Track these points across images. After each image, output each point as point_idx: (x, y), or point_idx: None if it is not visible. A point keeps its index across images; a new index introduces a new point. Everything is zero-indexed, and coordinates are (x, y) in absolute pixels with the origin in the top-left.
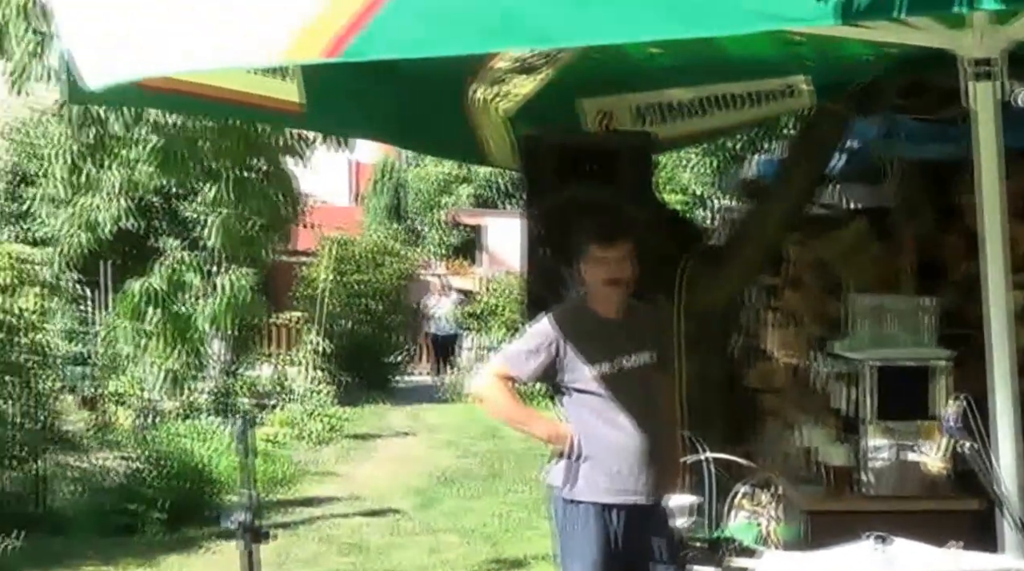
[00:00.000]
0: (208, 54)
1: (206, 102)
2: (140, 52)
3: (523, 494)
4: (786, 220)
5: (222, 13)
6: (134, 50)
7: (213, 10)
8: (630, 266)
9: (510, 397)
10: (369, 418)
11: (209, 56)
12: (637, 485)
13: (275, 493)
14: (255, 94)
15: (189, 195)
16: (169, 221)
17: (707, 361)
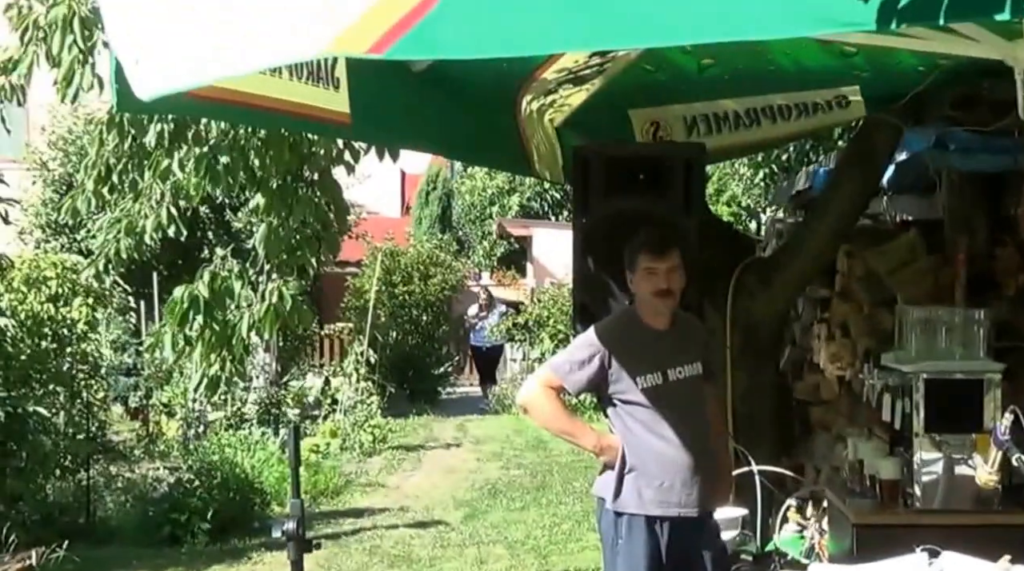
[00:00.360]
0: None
1: (254, 111)
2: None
3: (570, 506)
4: (837, 232)
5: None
6: (183, 58)
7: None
8: (680, 277)
9: (557, 407)
10: (416, 429)
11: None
12: (685, 497)
13: (322, 504)
14: (304, 103)
15: (239, 206)
16: (218, 231)
17: (756, 373)
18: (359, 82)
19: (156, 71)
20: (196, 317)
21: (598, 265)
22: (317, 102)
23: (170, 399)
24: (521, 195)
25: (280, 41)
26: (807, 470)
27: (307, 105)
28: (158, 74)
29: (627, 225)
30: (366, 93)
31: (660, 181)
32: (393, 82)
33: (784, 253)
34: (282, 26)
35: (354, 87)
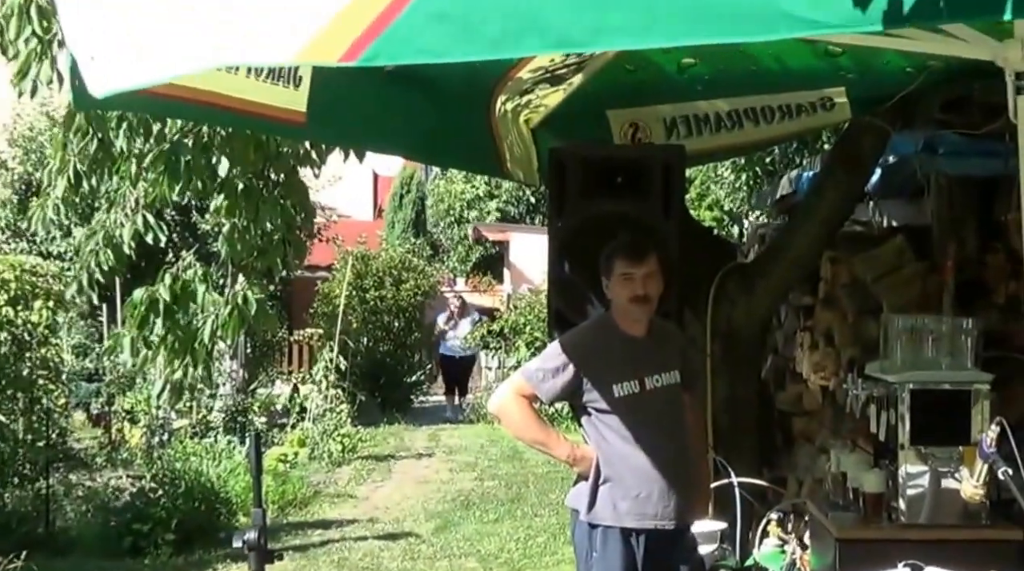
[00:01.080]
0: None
1: (210, 109)
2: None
3: (546, 518)
4: (821, 238)
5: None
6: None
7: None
8: (657, 283)
9: (530, 416)
10: (387, 438)
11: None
12: (662, 509)
13: (289, 514)
14: (259, 102)
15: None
16: (184, 234)
17: (737, 382)
18: (322, 80)
19: (112, 68)
20: (156, 321)
21: (574, 270)
22: (274, 101)
23: (133, 406)
24: (499, 199)
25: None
26: (789, 482)
27: (262, 103)
28: (114, 71)
29: (604, 229)
30: (328, 91)
31: (638, 184)
32: (358, 80)
33: (766, 259)
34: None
35: (316, 85)
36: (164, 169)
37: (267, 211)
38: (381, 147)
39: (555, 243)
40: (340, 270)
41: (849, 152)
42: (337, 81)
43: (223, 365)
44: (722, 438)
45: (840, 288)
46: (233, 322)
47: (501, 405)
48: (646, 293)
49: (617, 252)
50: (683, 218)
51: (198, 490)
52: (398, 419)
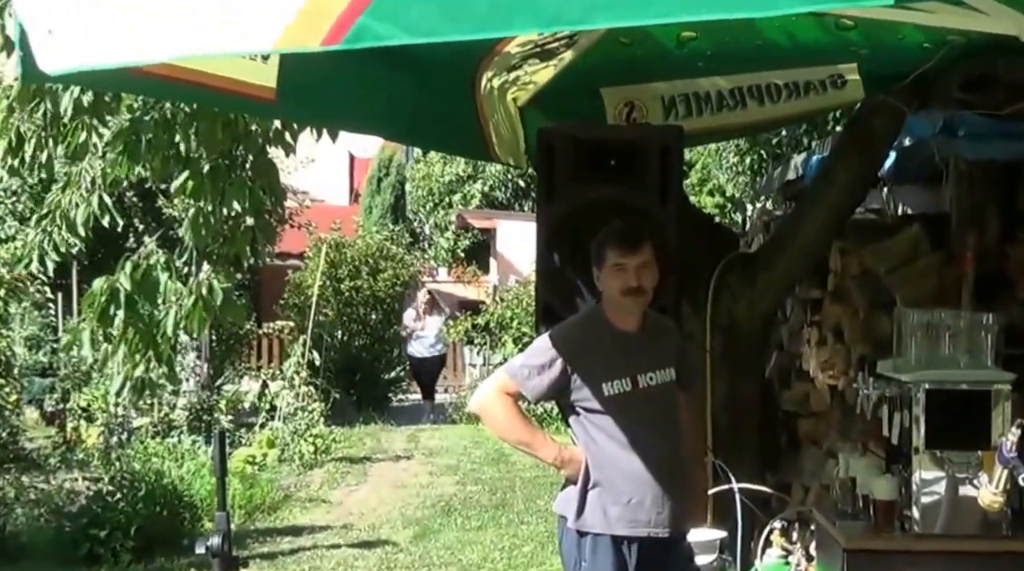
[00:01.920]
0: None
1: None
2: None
3: (533, 526)
4: (830, 226)
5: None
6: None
7: None
8: (652, 274)
9: (514, 415)
10: (362, 439)
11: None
12: (656, 516)
13: (257, 520)
14: (226, 76)
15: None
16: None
17: (738, 381)
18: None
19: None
20: (117, 312)
21: (564, 260)
22: (242, 75)
23: (90, 403)
24: (484, 183)
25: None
26: (794, 489)
27: (228, 78)
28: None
29: (596, 216)
30: (299, 66)
31: (634, 167)
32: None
33: (771, 249)
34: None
35: (287, 58)
36: (123, 148)
37: (234, 194)
38: (357, 126)
39: (544, 231)
40: (313, 258)
41: (861, 134)
42: (309, 55)
43: (187, 360)
44: (722, 440)
45: (850, 280)
46: (198, 314)
47: (484, 403)
48: (640, 285)
49: (609, 240)
50: (681, 204)
51: (160, 493)
52: (374, 419)
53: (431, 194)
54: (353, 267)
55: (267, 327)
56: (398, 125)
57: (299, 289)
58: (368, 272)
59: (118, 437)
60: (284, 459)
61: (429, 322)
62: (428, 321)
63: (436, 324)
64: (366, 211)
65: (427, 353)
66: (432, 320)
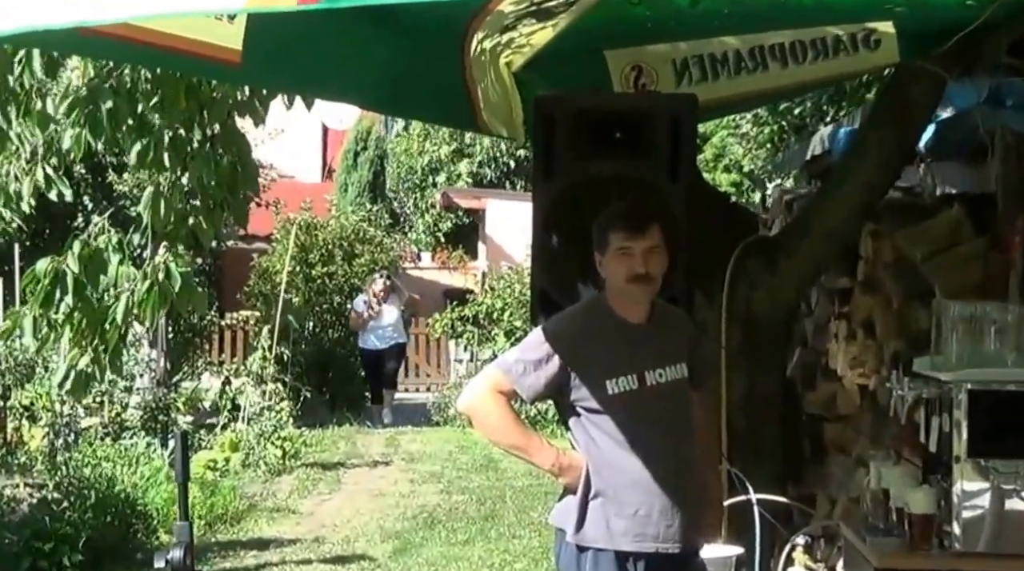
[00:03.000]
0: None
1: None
2: None
3: (526, 540)
4: (861, 207)
5: None
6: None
7: None
8: (661, 259)
9: (507, 416)
10: (336, 443)
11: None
12: (664, 530)
13: (219, 532)
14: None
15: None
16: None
17: (757, 379)
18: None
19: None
20: (64, 298)
21: (563, 243)
22: (204, 36)
23: (33, 400)
24: (471, 160)
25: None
26: (819, 500)
27: (189, 39)
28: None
29: (599, 194)
30: (267, 26)
31: (641, 140)
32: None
33: (794, 232)
34: None
35: (254, 18)
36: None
37: (198, 167)
38: (332, 94)
39: (541, 211)
40: (281, 241)
41: (896, 103)
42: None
43: (140, 353)
44: (738, 446)
45: (883, 268)
46: (152, 300)
47: (473, 403)
48: (647, 271)
49: (613, 221)
50: (694, 181)
51: (111, 502)
52: (349, 420)
53: (413, 171)
54: (326, 251)
55: (230, 317)
56: (378, 92)
57: (265, 275)
58: (343, 257)
59: (64, 439)
60: (248, 464)
61: (385, 310)
62: (384, 309)
63: (392, 312)
64: (341, 189)
65: (383, 344)
66: (388, 308)
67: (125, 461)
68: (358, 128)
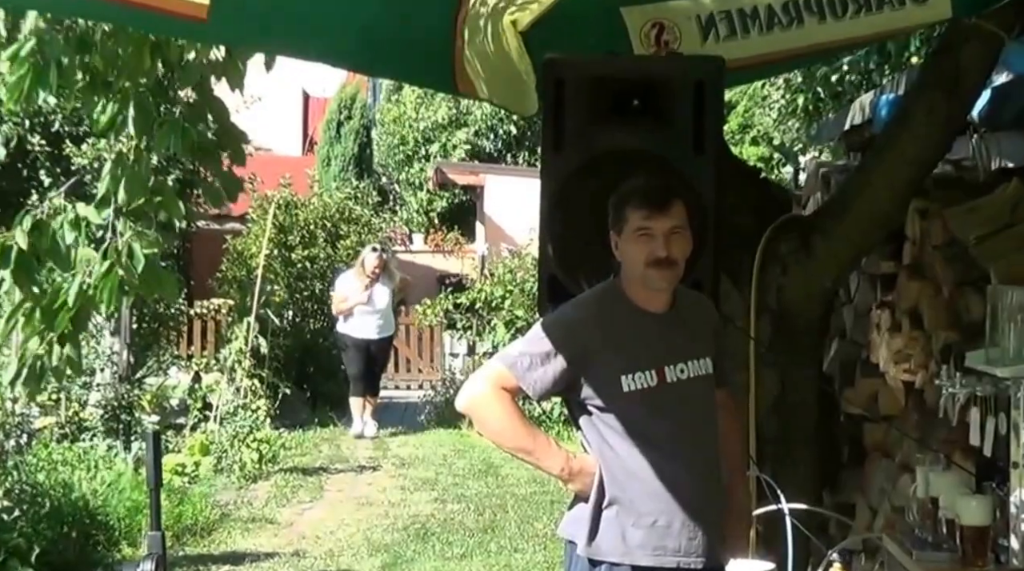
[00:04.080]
0: None
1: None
2: None
3: (529, 555)
4: (907, 183)
5: None
6: None
7: None
8: (684, 242)
9: (513, 415)
10: (318, 445)
11: None
12: (686, 543)
13: (187, 544)
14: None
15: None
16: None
17: (791, 375)
18: None
19: None
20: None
21: (574, 224)
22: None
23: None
24: (469, 129)
25: None
26: (858, 510)
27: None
28: None
29: (616, 168)
30: None
31: (662, 109)
32: None
33: (832, 211)
34: None
35: None
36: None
37: (165, 136)
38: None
39: (550, 187)
40: (257, 221)
41: (947, 66)
42: None
43: (101, 345)
44: (769, 449)
45: (932, 250)
46: (112, 284)
47: (474, 401)
48: (669, 254)
49: (631, 199)
50: (721, 155)
51: (68, 510)
52: (333, 420)
53: (404, 143)
54: (307, 232)
55: (200, 306)
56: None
57: (240, 259)
58: (326, 238)
59: (16, 441)
60: (221, 469)
61: (376, 292)
62: (375, 291)
63: (385, 295)
64: (323, 163)
65: (375, 333)
66: (381, 290)
67: (84, 465)
68: (342, 95)
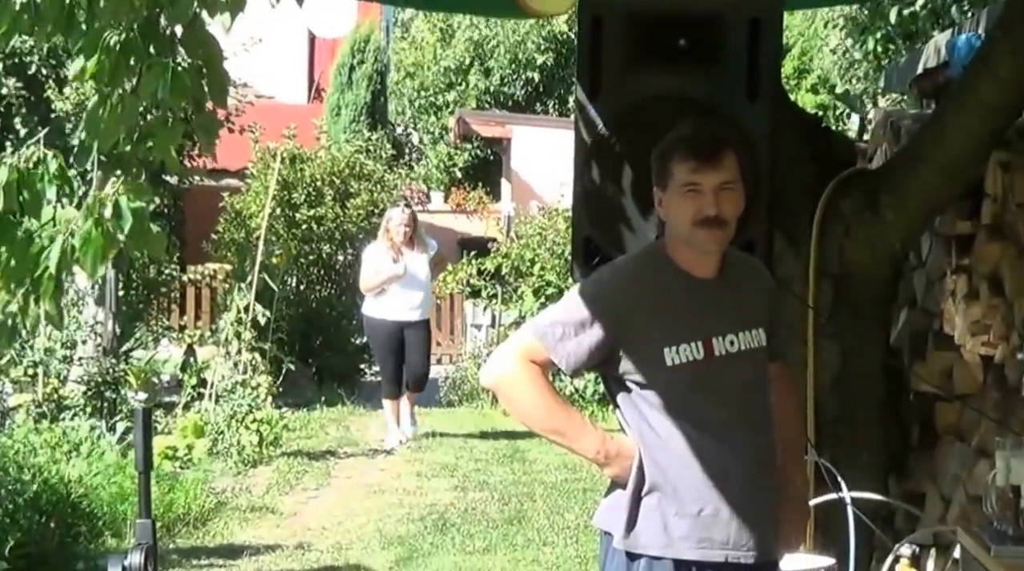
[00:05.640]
0: None
1: None
2: None
3: (560, 548)
4: (987, 133)
5: None
6: None
7: None
8: (736, 199)
9: (544, 392)
10: (325, 427)
11: None
12: (736, 534)
13: (180, 536)
14: None
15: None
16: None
17: (853, 349)
18: None
19: None
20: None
21: (612, 180)
22: None
23: None
24: (490, 77)
25: None
26: (929, 500)
27: None
28: None
29: (659, 118)
30: None
31: (711, 51)
32: None
33: (902, 164)
34: None
35: None
36: None
37: (155, 78)
38: None
39: (585, 140)
40: (258, 177)
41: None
42: None
43: (84, 314)
44: (829, 432)
45: (1015, 209)
46: (94, 243)
47: (501, 376)
48: (718, 213)
49: (676, 151)
50: (777, 102)
51: (46, 497)
52: (342, 398)
53: (422, 90)
54: (313, 189)
55: (194, 271)
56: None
57: (239, 219)
58: (334, 196)
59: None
60: (217, 453)
61: (411, 262)
62: (409, 258)
63: (422, 264)
64: (332, 112)
65: (411, 314)
66: (416, 258)
67: (64, 448)
68: (354, 37)
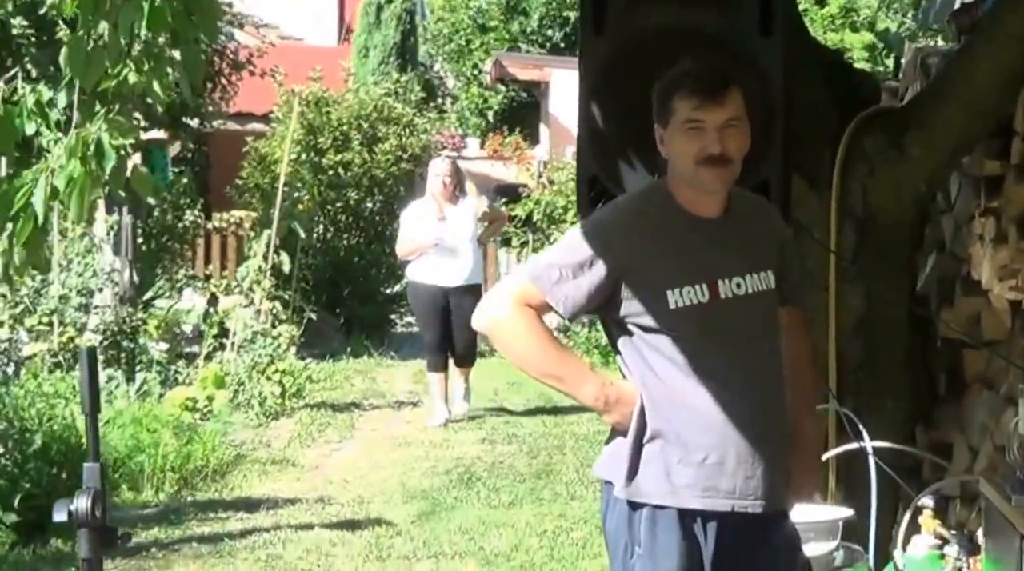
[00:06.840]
0: None
1: None
2: None
3: (588, 503)
4: (1019, 66)
5: None
6: None
7: None
8: (742, 136)
9: (540, 335)
10: (350, 378)
11: None
12: (743, 483)
13: (198, 489)
14: None
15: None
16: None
17: (877, 294)
18: None
19: None
20: None
21: (617, 117)
22: None
23: None
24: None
25: None
26: (956, 450)
27: None
28: None
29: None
30: None
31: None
32: None
33: (928, 102)
34: None
35: None
36: None
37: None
38: None
39: (590, 76)
40: (283, 121)
41: None
42: None
43: (101, 261)
44: (852, 380)
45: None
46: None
47: (495, 319)
48: (723, 150)
49: (679, 86)
50: (793, 34)
51: (59, 448)
52: (368, 349)
53: (456, 30)
54: (340, 134)
55: (218, 218)
56: None
57: (263, 164)
58: (361, 141)
59: (2, 370)
60: (238, 404)
61: (455, 217)
62: (452, 215)
63: (467, 220)
64: (360, 54)
65: (455, 278)
66: (460, 213)
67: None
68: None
